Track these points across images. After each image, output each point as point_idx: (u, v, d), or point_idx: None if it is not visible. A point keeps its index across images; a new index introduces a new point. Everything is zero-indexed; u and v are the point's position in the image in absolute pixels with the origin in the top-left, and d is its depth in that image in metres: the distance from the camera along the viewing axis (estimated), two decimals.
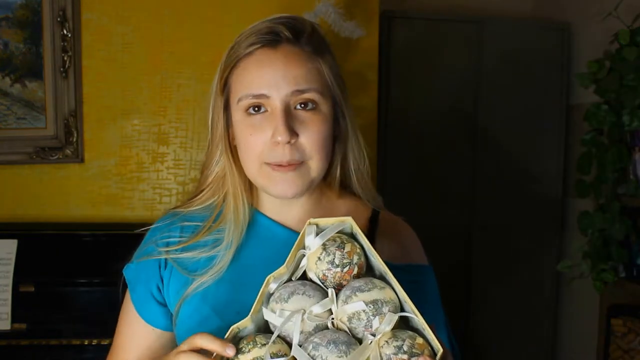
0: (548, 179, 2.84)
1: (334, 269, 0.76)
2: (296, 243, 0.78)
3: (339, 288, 0.76)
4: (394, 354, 0.68)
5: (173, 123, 1.87)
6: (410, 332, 0.71)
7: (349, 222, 0.78)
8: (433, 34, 2.64)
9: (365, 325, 0.72)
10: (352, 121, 0.95)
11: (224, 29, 1.81)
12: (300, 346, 0.72)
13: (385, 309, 0.72)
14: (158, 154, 1.87)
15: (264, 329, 0.78)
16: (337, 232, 0.78)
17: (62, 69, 1.80)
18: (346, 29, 1.75)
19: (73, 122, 1.82)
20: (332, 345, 0.70)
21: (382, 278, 0.77)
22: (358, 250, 0.78)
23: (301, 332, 0.73)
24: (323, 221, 0.79)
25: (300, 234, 0.78)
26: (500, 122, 2.73)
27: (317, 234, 0.77)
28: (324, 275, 0.77)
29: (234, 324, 0.76)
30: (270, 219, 0.94)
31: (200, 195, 0.96)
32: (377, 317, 0.72)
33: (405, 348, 0.68)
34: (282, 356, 0.72)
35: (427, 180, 2.61)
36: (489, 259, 2.77)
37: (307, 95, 0.86)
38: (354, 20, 1.77)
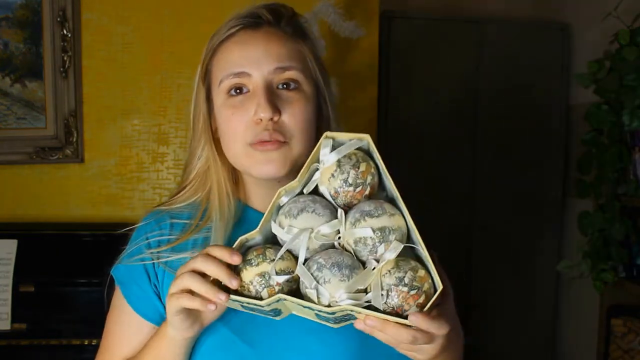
0: (548, 179, 2.85)
1: (346, 188, 0.75)
2: (310, 156, 0.77)
3: (349, 207, 0.76)
4: (395, 285, 0.69)
5: (173, 123, 1.87)
6: (414, 264, 0.71)
7: (367, 140, 0.77)
8: (433, 34, 2.64)
9: (370, 251, 0.72)
10: (334, 110, 0.94)
11: None
12: (305, 264, 0.72)
13: (392, 237, 0.72)
14: (158, 154, 1.87)
15: (272, 240, 0.78)
16: (356, 151, 0.77)
17: (62, 69, 1.80)
18: (346, 29, 1.75)
19: (73, 122, 1.82)
20: (335, 268, 0.70)
21: (392, 202, 0.77)
22: (372, 170, 0.77)
23: (307, 249, 0.73)
24: (340, 135, 0.77)
25: (316, 147, 0.77)
26: (500, 122, 2.73)
27: (333, 149, 0.76)
28: (335, 192, 0.76)
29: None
30: (259, 212, 0.91)
31: (183, 192, 0.94)
32: (383, 244, 0.72)
33: (406, 280, 0.69)
34: (288, 273, 0.72)
35: (427, 180, 2.61)
36: (489, 259, 2.77)
37: (289, 74, 0.84)
38: (354, 20, 1.77)
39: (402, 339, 0.67)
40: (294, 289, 0.74)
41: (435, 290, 0.70)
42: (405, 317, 0.68)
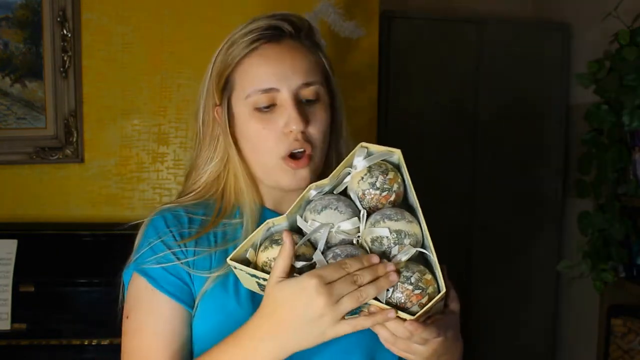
0: (548, 179, 2.84)
1: (373, 191, 0.80)
2: (344, 161, 0.83)
3: (373, 210, 0.81)
4: (401, 282, 0.72)
5: (173, 123, 1.87)
6: (422, 268, 0.75)
7: (398, 154, 0.84)
8: (433, 34, 2.64)
9: (385, 251, 0.77)
10: (343, 113, 0.98)
11: (224, 29, 1.78)
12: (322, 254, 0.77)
13: (406, 241, 0.77)
14: (158, 154, 1.87)
15: (297, 229, 0.83)
16: (385, 161, 0.83)
17: (62, 69, 1.80)
18: (346, 29, 1.75)
19: (73, 122, 1.82)
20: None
21: (413, 213, 0.82)
22: (399, 180, 0.83)
23: (327, 243, 0.77)
24: (373, 147, 0.83)
25: (350, 153, 0.83)
26: (500, 122, 2.73)
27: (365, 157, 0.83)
28: (363, 194, 0.81)
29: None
30: (273, 211, 0.96)
31: (193, 193, 0.95)
32: (397, 245, 0.76)
33: (412, 279, 0.72)
34: (306, 260, 0.76)
35: (427, 180, 2.60)
36: (489, 259, 2.77)
37: (313, 88, 0.89)
38: (354, 20, 1.77)
39: (399, 333, 0.71)
40: None
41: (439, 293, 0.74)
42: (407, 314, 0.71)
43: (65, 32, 1.79)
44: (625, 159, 2.20)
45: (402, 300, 0.72)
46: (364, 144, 0.83)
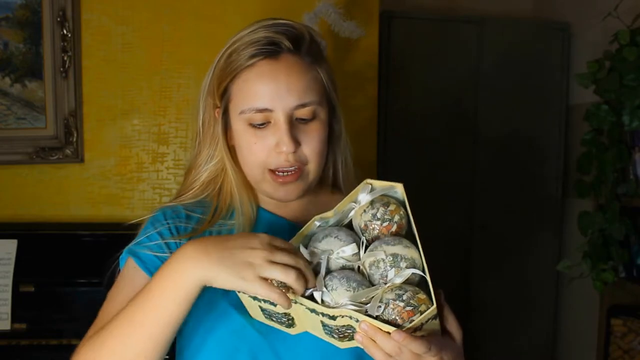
0: (548, 179, 2.85)
1: (374, 222, 0.83)
2: (348, 196, 0.86)
3: (374, 240, 0.82)
4: (393, 299, 0.73)
5: (173, 123, 1.87)
6: (417, 288, 0.75)
7: (400, 189, 0.86)
8: (433, 34, 2.64)
9: (382, 274, 0.78)
10: (342, 123, 0.99)
11: (224, 29, 1.81)
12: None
13: (402, 264, 0.78)
14: (158, 154, 1.87)
15: None
16: (389, 196, 0.86)
17: (62, 69, 1.80)
18: (346, 29, 1.75)
19: (73, 122, 1.82)
20: (344, 279, 0.76)
21: (415, 243, 0.83)
22: (401, 212, 0.84)
23: (328, 270, 0.79)
24: (377, 183, 0.87)
25: (354, 190, 0.86)
26: (500, 122, 2.73)
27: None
28: (365, 225, 0.84)
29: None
30: (271, 213, 0.97)
31: (191, 192, 0.97)
32: (393, 269, 0.77)
33: (404, 297, 0.73)
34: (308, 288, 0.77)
35: (426, 180, 2.61)
36: (489, 259, 2.77)
37: (308, 109, 0.88)
38: (354, 20, 1.77)
39: (388, 349, 0.70)
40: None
41: (434, 317, 0.74)
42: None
43: (65, 32, 1.79)
44: (625, 159, 2.20)
45: (393, 317, 0.72)
46: (368, 180, 0.86)
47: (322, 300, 0.75)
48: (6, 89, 1.81)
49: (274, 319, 0.81)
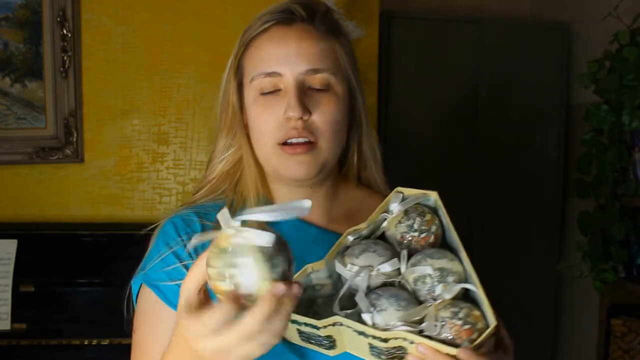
0: (548, 179, 2.84)
1: (411, 233, 0.79)
2: (380, 206, 0.81)
3: (413, 252, 0.78)
4: (449, 318, 0.70)
5: (173, 123, 1.87)
6: (470, 304, 0.72)
7: (434, 197, 0.82)
8: (433, 34, 2.64)
9: (429, 290, 0.74)
10: (365, 107, 0.92)
11: (224, 29, 1.81)
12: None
13: (450, 279, 0.75)
14: (158, 154, 1.87)
15: (336, 275, 0.80)
16: (422, 205, 0.82)
17: (62, 69, 1.80)
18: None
19: (73, 122, 1.82)
20: (393, 298, 0.72)
21: (455, 254, 0.80)
22: (437, 222, 0.81)
23: (368, 287, 0.75)
24: (408, 191, 0.83)
25: (385, 199, 0.81)
26: (500, 122, 2.73)
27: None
28: (401, 237, 0.79)
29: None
30: None
31: (208, 186, 0.92)
32: (441, 284, 0.74)
33: (461, 315, 0.70)
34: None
35: (426, 180, 2.60)
36: (489, 259, 2.77)
37: (320, 77, 0.83)
38: (354, 20, 1.77)
39: None
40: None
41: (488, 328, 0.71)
42: None
43: (65, 32, 1.79)
44: (625, 159, 2.20)
45: (451, 337, 0.68)
46: (399, 189, 0.82)
47: (373, 322, 0.71)
48: (6, 89, 1.81)
49: (313, 341, 0.76)
